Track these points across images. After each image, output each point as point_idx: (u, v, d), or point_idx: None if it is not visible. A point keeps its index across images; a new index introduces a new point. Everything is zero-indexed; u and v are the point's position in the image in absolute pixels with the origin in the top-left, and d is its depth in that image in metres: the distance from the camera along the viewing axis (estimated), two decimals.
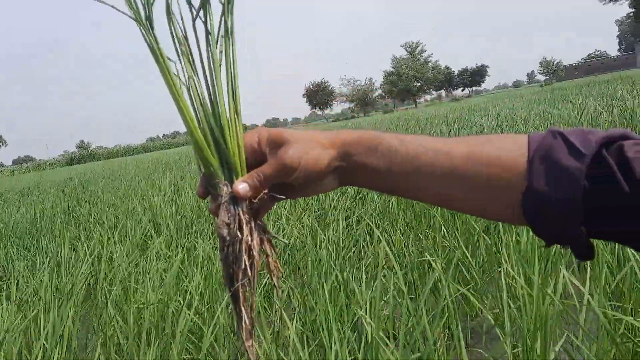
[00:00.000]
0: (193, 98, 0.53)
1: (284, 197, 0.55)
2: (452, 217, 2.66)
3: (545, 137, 0.47)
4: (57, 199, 7.58)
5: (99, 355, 1.89)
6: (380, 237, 2.19)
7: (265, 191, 0.54)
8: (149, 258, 2.84)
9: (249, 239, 0.51)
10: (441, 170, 0.49)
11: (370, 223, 2.76)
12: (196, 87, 0.54)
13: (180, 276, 2.50)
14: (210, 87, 0.54)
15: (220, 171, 0.53)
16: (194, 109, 0.54)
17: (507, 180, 0.47)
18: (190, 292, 2.19)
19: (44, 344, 1.93)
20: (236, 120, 0.55)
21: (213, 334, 1.83)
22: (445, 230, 2.50)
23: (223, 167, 0.54)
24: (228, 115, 0.55)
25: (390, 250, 2.28)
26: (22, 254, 3.73)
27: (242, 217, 0.51)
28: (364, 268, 2.04)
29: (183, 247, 3.07)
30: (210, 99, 0.54)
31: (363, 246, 2.78)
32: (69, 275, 2.79)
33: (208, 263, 2.59)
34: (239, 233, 0.51)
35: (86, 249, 3.28)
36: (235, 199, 0.52)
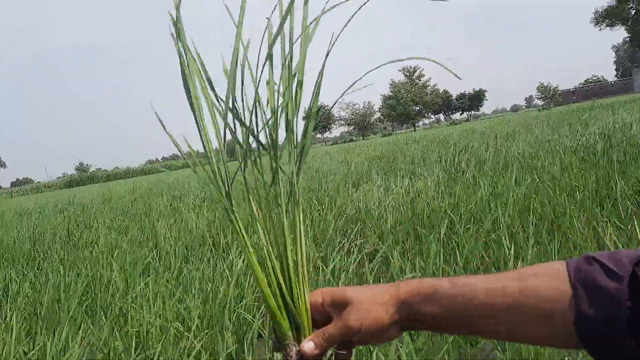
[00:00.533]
0: (267, 267, 0.59)
1: (346, 352, 0.59)
2: (450, 243, 2.66)
3: (581, 262, 0.51)
4: (56, 221, 7.57)
5: None
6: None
7: (331, 352, 0.59)
8: (149, 282, 2.83)
9: None
10: (494, 309, 0.53)
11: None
12: (270, 258, 0.59)
13: (178, 299, 2.50)
14: (283, 257, 0.60)
15: (290, 331, 0.58)
16: (267, 275, 0.59)
17: (555, 310, 0.50)
18: (190, 316, 2.19)
19: None
20: (304, 285, 0.60)
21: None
22: (443, 258, 2.51)
23: (292, 328, 0.59)
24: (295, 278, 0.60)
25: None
26: (21, 276, 3.72)
27: None
28: None
29: (182, 271, 3.07)
30: (281, 267, 0.60)
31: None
32: (69, 298, 2.79)
33: (206, 286, 2.59)
34: None
35: (87, 272, 3.27)
36: (303, 357, 0.57)
